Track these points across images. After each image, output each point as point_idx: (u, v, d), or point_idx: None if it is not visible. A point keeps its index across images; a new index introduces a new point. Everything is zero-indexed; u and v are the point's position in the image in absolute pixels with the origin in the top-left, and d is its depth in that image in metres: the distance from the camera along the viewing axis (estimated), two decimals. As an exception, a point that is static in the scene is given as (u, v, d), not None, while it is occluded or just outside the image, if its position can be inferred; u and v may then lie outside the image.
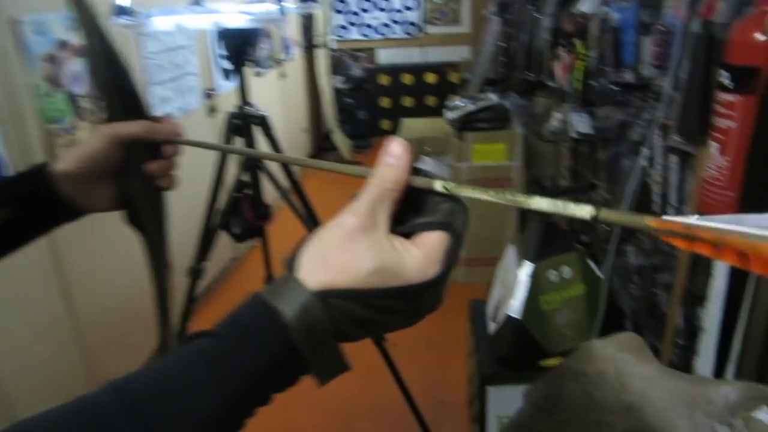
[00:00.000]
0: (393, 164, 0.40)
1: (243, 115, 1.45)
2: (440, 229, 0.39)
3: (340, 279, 0.37)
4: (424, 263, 0.38)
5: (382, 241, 0.38)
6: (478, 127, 2.69)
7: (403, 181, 0.40)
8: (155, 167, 0.63)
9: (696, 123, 1.22)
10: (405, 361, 1.84)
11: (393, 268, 0.37)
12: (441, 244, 0.39)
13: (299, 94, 4.78)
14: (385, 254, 0.37)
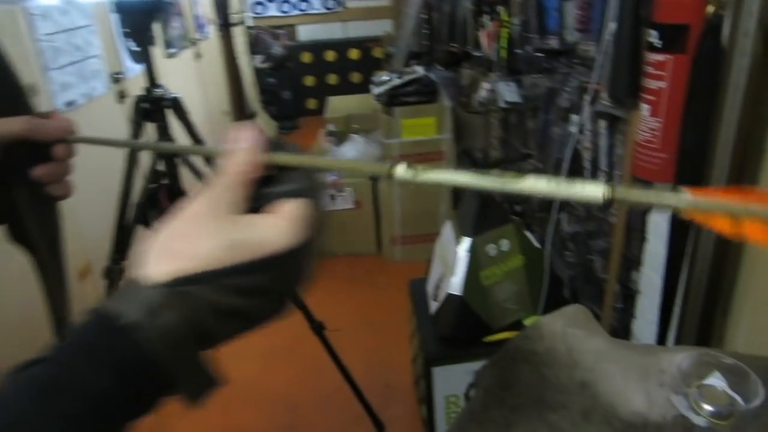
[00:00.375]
0: (243, 147, 0.38)
1: (152, 98, 1.32)
2: (293, 196, 0.37)
3: (189, 262, 0.33)
4: (282, 229, 0.35)
5: (233, 219, 0.35)
6: (406, 101, 2.64)
7: (256, 165, 0.38)
8: (43, 172, 0.51)
9: (626, 85, 1.20)
10: (347, 347, 1.78)
11: (247, 240, 0.34)
12: (297, 210, 0.37)
13: (218, 75, 4.57)
14: (236, 229, 0.35)
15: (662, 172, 1.08)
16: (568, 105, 1.76)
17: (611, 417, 0.68)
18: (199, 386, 0.34)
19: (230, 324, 0.34)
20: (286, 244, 0.35)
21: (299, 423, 1.87)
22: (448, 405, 1.54)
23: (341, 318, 2.36)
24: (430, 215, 2.77)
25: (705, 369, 0.72)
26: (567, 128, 1.78)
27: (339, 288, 2.66)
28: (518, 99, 2.11)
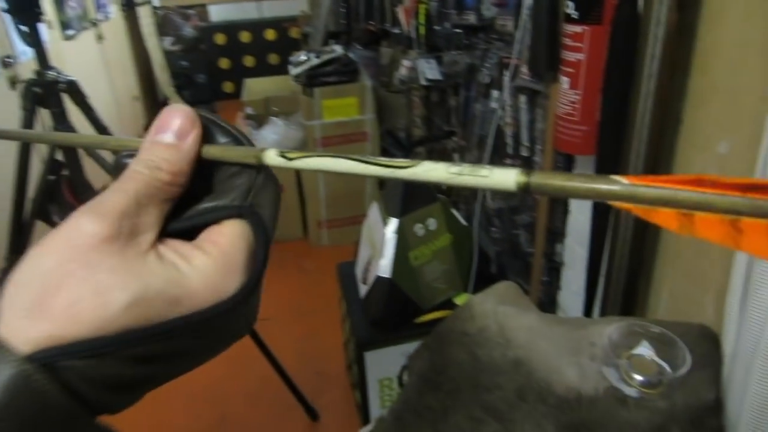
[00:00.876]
0: (169, 143, 0.26)
1: (45, 82, 1.20)
2: (235, 216, 0.27)
3: (71, 328, 0.22)
4: (218, 276, 0.25)
5: (145, 257, 0.24)
6: (326, 81, 2.57)
7: (186, 172, 0.26)
8: None
9: (545, 59, 1.20)
10: (276, 336, 1.72)
11: (165, 293, 0.24)
12: (239, 240, 0.26)
13: (124, 58, 4.32)
14: (149, 276, 0.23)
15: (583, 145, 1.09)
16: (489, 81, 1.75)
17: (546, 394, 0.67)
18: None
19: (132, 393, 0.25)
20: (220, 298, 0.25)
21: (230, 417, 1.81)
22: (382, 388, 1.52)
23: (269, 307, 2.29)
24: (356, 197, 2.73)
25: (634, 339, 0.73)
26: (488, 104, 1.78)
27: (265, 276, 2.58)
28: (439, 76, 2.09)
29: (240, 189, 0.27)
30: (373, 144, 2.67)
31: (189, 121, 0.27)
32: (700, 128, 0.84)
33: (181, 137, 0.26)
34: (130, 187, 0.25)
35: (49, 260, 0.23)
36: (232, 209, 0.27)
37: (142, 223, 0.25)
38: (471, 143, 1.93)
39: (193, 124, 0.27)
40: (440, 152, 2.35)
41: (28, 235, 1.26)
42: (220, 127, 0.28)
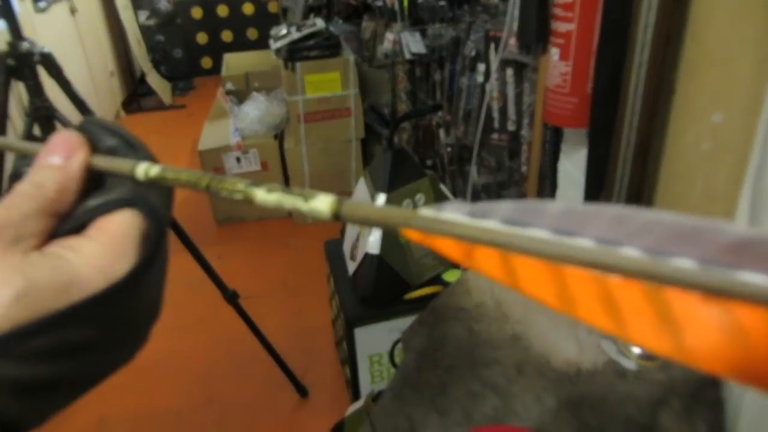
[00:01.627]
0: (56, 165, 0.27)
1: (18, 54, 1.16)
2: (124, 206, 0.26)
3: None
4: (107, 258, 0.24)
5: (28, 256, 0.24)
6: (308, 56, 2.52)
7: (72, 189, 0.27)
8: None
9: (535, 30, 1.18)
10: (264, 314, 1.71)
11: (51, 282, 0.23)
12: (130, 225, 0.26)
13: (99, 32, 4.20)
14: (32, 269, 0.23)
15: (575, 117, 1.08)
16: (474, 54, 1.73)
17: (544, 368, 0.67)
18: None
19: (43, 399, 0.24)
20: (112, 278, 0.24)
21: (219, 396, 1.80)
22: (372, 364, 1.52)
23: (256, 284, 2.28)
24: (340, 174, 2.71)
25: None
26: (474, 78, 1.76)
27: (251, 254, 2.56)
28: (423, 50, 2.06)
29: (128, 184, 0.27)
30: (357, 120, 2.64)
31: (75, 144, 0.27)
32: (694, 98, 0.84)
33: (69, 157, 0.27)
34: (15, 202, 0.25)
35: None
36: (121, 201, 0.26)
37: (25, 231, 0.24)
38: (457, 118, 1.91)
39: (81, 145, 0.27)
40: (425, 127, 2.33)
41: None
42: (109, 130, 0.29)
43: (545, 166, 1.42)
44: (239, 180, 0.24)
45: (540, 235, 0.15)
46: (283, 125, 2.81)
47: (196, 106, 4.54)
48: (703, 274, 0.13)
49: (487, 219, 0.17)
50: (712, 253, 0.13)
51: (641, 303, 0.14)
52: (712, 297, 0.13)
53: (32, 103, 1.21)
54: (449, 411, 0.62)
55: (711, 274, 0.13)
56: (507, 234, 0.16)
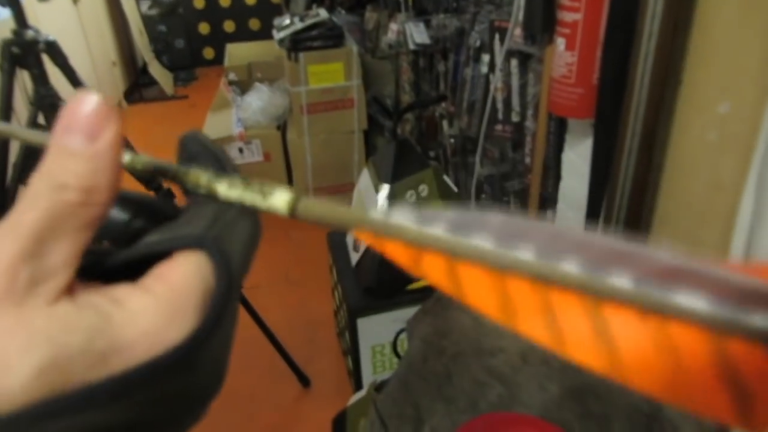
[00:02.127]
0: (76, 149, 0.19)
1: (24, 42, 1.15)
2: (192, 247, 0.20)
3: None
4: (161, 319, 0.18)
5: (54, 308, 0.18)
6: (311, 46, 2.51)
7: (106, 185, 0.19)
8: None
9: (540, 20, 1.18)
10: (266, 305, 1.72)
11: (88, 347, 0.17)
12: (195, 275, 0.20)
13: (101, 22, 4.18)
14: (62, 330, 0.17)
15: (580, 108, 1.07)
16: (479, 45, 1.72)
17: (549, 357, 0.67)
18: None
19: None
20: (163, 346, 0.18)
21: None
22: (375, 355, 1.52)
23: (258, 275, 2.28)
24: (343, 165, 2.71)
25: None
26: (478, 69, 1.76)
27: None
28: (427, 40, 2.06)
29: (203, 218, 0.21)
30: (360, 111, 2.63)
31: (102, 114, 0.19)
32: (701, 89, 0.84)
33: (92, 138, 0.19)
34: (27, 220, 0.18)
35: None
36: (189, 239, 0.20)
37: (47, 265, 0.18)
38: (460, 109, 1.91)
39: (107, 117, 0.19)
40: (429, 119, 2.32)
41: (10, 201, 1.22)
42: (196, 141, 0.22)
43: (549, 157, 1.42)
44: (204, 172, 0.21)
45: (482, 244, 0.15)
46: (285, 116, 2.81)
47: (198, 96, 4.53)
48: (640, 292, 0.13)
49: (433, 225, 0.17)
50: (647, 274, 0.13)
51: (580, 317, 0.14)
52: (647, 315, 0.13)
53: (37, 92, 1.21)
54: (455, 399, 0.62)
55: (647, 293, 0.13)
56: (450, 241, 0.16)
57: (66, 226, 0.18)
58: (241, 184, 0.20)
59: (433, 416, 0.60)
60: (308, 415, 1.71)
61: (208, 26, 5.22)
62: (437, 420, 0.59)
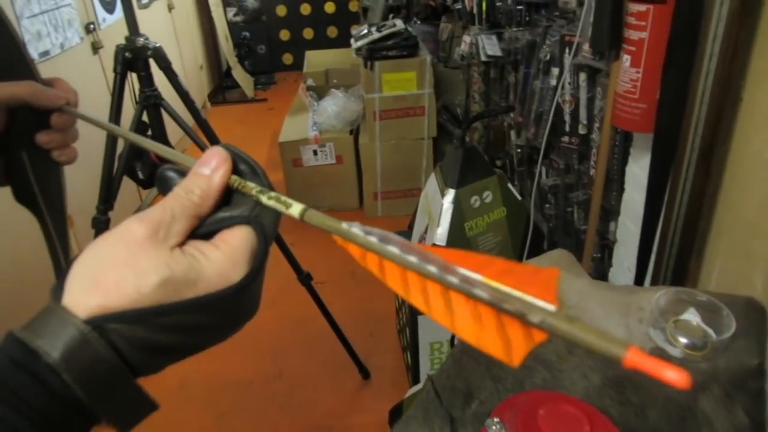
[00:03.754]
0: (205, 174, 0.35)
1: (135, 48, 1.30)
2: (243, 223, 0.34)
3: (117, 300, 0.29)
4: (226, 266, 0.32)
5: (172, 252, 0.32)
6: (387, 55, 2.62)
7: (212, 197, 0.34)
8: (47, 139, 0.52)
9: (607, 36, 1.22)
10: (332, 299, 1.82)
11: (185, 277, 0.31)
12: (245, 241, 0.33)
13: (191, 27, 4.46)
14: (174, 264, 0.31)
15: (642, 123, 1.11)
16: (549, 58, 1.77)
17: (594, 350, 0.72)
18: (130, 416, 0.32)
19: (167, 356, 0.32)
20: (227, 284, 0.32)
21: (287, 370, 1.92)
22: (433, 351, 1.59)
23: (325, 271, 2.39)
24: (411, 171, 2.79)
25: (681, 306, 0.77)
26: (547, 81, 1.80)
27: (322, 242, 2.66)
28: (499, 52, 2.11)
29: (248, 205, 0.35)
30: (430, 118, 2.71)
31: (222, 160, 0.35)
32: (760, 107, 0.87)
33: (215, 170, 0.35)
34: (169, 204, 0.33)
35: (105, 249, 0.31)
36: (241, 218, 0.34)
37: (174, 231, 0.32)
38: (528, 120, 1.95)
39: (225, 161, 0.35)
40: (497, 128, 2.37)
41: (116, 189, 1.38)
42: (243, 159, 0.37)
43: (613, 170, 1.45)
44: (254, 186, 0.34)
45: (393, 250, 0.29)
46: (359, 121, 2.93)
47: (276, 100, 4.75)
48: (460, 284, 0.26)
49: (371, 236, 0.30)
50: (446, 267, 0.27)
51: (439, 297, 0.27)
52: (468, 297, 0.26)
53: (142, 92, 1.36)
54: (503, 379, 0.69)
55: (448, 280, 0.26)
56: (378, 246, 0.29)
57: (186, 213, 0.33)
58: (274, 197, 0.34)
59: (482, 392, 0.67)
60: (367, 405, 1.80)
61: (289, 33, 5.45)
62: (485, 395, 0.66)
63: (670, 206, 1.06)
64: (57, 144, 0.53)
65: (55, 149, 0.53)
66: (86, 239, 1.53)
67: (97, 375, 0.29)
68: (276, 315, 2.13)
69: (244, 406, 1.82)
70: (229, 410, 1.81)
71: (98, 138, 1.43)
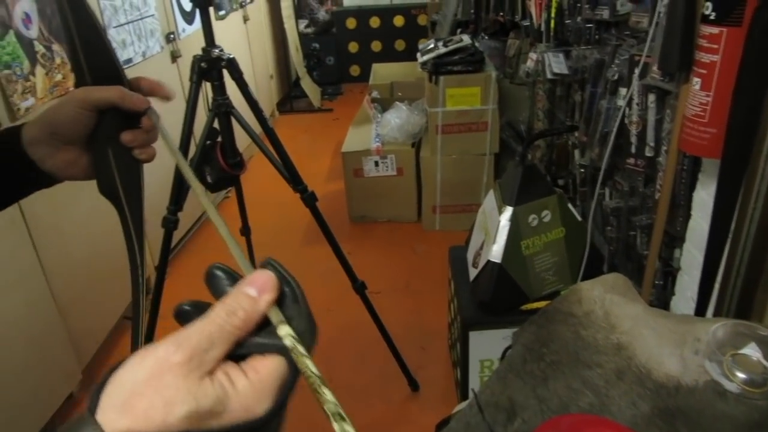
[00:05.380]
0: (251, 296, 0.35)
1: (210, 58, 1.37)
2: (277, 353, 0.35)
3: (144, 426, 0.31)
4: (251, 400, 0.33)
5: (202, 382, 0.33)
6: (452, 70, 2.63)
7: (254, 322, 0.35)
8: (130, 138, 0.58)
9: (678, 58, 1.19)
10: (385, 309, 1.84)
11: (211, 410, 0.32)
12: (275, 371, 0.34)
13: (264, 38, 4.61)
14: (202, 396, 0.32)
15: (710, 148, 1.08)
16: (617, 78, 1.74)
17: (644, 378, 0.71)
18: None
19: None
20: (250, 417, 0.33)
21: (338, 377, 1.95)
22: (483, 369, 1.58)
23: (380, 281, 2.42)
24: (471, 186, 2.79)
25: (740, 339, 0.75)
26: (614, 101, 1.77)
27: (378, 252, 2.72)
28: (566, 71, 2.09)
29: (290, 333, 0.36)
30: (492, 134, 2.70)
31: (270, 285, 0.36)
32: (838, 138, 0.83)
33: (260, 294, 0.35)
34: (207, 329, 0.34)
35: (141, 372, 0.33)
36: (275, 347, 0.35)
37: (208, 358, 0.33)
38: (593, 140, 1.92)
39: (273, 288, 0.36)
40: (561, 147, 2.34)
41: (186, 191, 1.45)
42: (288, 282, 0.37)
43: (680, 195, 1.41)
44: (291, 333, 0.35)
45: None
46: (421, 134, 2.95)
47: (341, 110, 4.84)
48: None
49: None
50: None
51: None
52: None
53: (215, 100, 1.43)
54: (548, 400, 0.69)
55: None
56: None
57: (225, 339, 0.34)
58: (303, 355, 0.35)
59: (525, 411, 0.66)
60: (414, 416, 1.80)
61: (357, 45, 5.55)
62: (529, 414, 0.66)
63: (736, 236, 1.02)
64: (139, 143, 0.59)
65: (137, 148, 0.59)
66: (157, 238, 1.62)
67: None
68: (329, 322, 2.17)
69: (294, 409, 1.85)
70: (280, 412, 1.85)
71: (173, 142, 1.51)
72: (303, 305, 0.37)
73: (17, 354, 1.62)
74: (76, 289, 1.91)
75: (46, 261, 1.75)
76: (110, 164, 0.59)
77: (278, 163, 1.49)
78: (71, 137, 0.58)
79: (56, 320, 1.79)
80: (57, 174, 0.60)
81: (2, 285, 1.57)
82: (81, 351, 1.91)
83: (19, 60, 1.65)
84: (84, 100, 0.57)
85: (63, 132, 0.58)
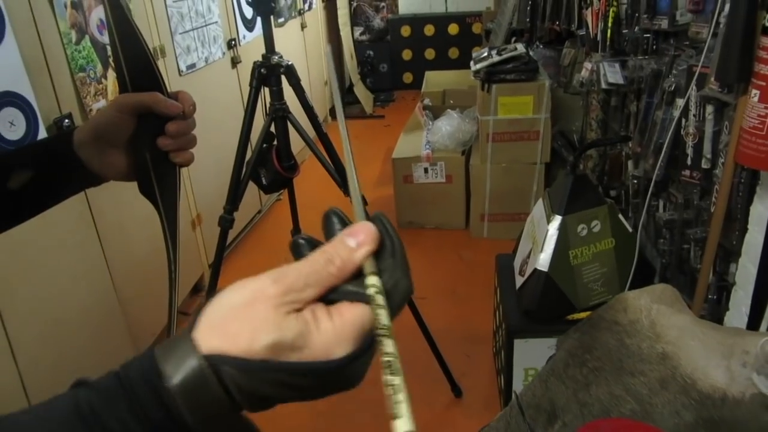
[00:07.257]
0: (350, 246, 0.36)
1: (269, 64, 1.43)
2: (365, 302, 0.35)
3: (232, 348, 0.33)
4: (332, 341, 0.34)
5: (288, 316, 0.34)
6: (504, 79, 2.63)
7: (350, 272, 0.36)
8: (167, 142, 0.63)
9: (736, 70, 1.18)
10: (430, 315, 1.85)
11: (293, 343, 0.33)
12: (359, 319, 0.34)
13: (320, 45, 4.71)
14: (287, 329, 0.33)
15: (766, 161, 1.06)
16: (674, 88, 1.71)
17: (689, 388, 0.71)
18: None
19: (263, 402, 0.35)
20: (329, 358, 0.34)
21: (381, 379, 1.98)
22: (527, 377, 1.58)
23: (427, 287, 2.44)
24: (520, 194, 2.78)
25: (791, 353, 0.74)
26: (670, 112, 1.74)
27: (426, 258, 2.74)
28: (621, 80, 2.06)
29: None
30: (544, 143, 2.69)
31: (370, 238, 0.36)
32: None
33: (360, 246, 0.36)
34: (305, 270, 0.35)
35: (237, 299, 0.35)
36: (365, 297, 0.35)
37: (301, 298, 0.34)
38: (647, 151, 1.89)
39: (372, 241, 0.36)
40: (614, 157, 2.31)
41: (242, 192, 1.51)
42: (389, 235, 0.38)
43: (737, 208, 1.38)
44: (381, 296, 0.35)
45: None
46: (471, 142, 2.96)
47: (393, 117, 4.88)
48: None
49: None
50: None
51: None
52: None
53: (273, 105, 1.49)
54: (589, 405, 0.69)
55: None
56: None
57: (319, 282, 0.35)
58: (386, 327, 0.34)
59: (566, 414, 0.67)
60: (456, 422, 1.81)
61: (411, 53, 5.59)
62: (569, 417, 0.67)
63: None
64: (174, 147, 0.63)
65: (173, 152, 0.63)
66: (213, 236, 1.69)
67: (207, 406, 0.33)
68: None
69: (340, 409, 1.89)
70: (326, 411, 1.89)
71: (231, 144, 1.58)
72: (399, 261, 0.37)
73: (80, 341, 1.71)
74: (136, 284, 2.00)
75: (110, 256, 1.84)
76: (148, 166, 0.64)
77: (330, 167, 1.54)
78: (114, 140, 0.63)
79: (117, 312, 1.89)
80: (104, 175, 0.65)
81: (71, 275, 1.67)
82: (138, 342, 2.01)
83: (93, 63, 1.76)
84: (122, 104, 0.62)
85: (106, 135, 0.62)
